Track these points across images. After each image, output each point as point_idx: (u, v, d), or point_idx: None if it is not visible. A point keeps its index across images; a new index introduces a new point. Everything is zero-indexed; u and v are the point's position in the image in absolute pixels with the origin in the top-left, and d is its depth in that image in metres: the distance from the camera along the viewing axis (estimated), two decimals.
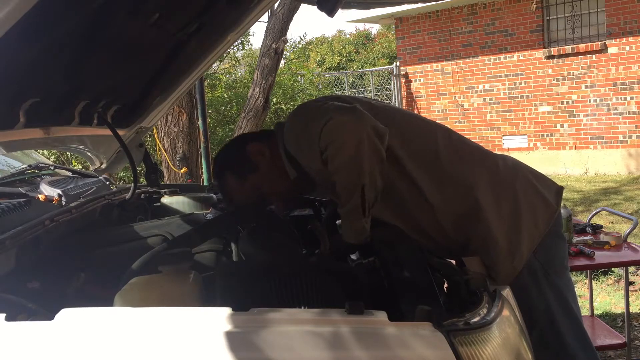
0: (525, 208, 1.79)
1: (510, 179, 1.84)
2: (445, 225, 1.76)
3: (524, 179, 1.86)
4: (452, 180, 1.77)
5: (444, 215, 1.75)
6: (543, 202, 1.83)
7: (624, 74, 10.43)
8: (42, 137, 2.00)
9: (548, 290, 1.77)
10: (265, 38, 6.74)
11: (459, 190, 1.76)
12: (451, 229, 1.76)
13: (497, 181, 1.81)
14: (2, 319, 1.17)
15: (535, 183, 1.86)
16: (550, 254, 1.81)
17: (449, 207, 1.75)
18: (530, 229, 1.78)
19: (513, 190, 1.81)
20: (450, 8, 11.87)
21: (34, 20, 1.26)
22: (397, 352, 1.11)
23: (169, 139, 5.77)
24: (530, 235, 1.77)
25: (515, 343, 1.27)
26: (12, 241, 1.57)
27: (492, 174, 1.82)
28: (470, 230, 1.75)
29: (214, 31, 2.32)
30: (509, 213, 1.77)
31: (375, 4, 4.17)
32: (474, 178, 1.78)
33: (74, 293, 1.63)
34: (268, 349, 1.11)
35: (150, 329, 1.16)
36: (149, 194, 2.52)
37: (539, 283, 1.76)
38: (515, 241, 1.75)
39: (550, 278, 1.78)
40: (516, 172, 1.87)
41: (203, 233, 1.86)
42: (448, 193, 1.76)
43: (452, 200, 1.76)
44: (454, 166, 1.79)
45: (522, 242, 1.75)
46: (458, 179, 1.78)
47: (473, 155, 1.87)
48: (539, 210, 1.81)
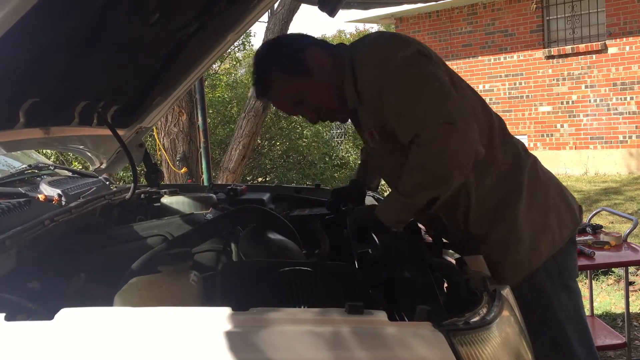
0: (554, 211, 1.81)
1: (545, 179, 1.86)
2: (473, 214, 1.76)
3: (557, 184, 1.89)
4: (499, 167, 1.78)
5: (480, 201, 1.76)
6: (570, 212, 1.86)
7: (624, 74, 10.43)
8: (42, 137, 2.00)
9: (562, 292, 1.79)
10: (265, 38, 6.74)
11: (503, 179, 1.77)
12: (476, 218, 1.77)
13: (535, 177, 1.83)
14: (2, 318, 1.17)
15: (565, 192, 1.90)
16: (567, 259, 1.84)
17: (488, 193, 1.76)
18: (554, 233, 1.80)
19: (546, 191, 1.83)
20: (450, 8, 11.88)
21: (34, 20, 1.26)
22: (397, 352, 1.11)
23: (169, 139, 5.77)
24: (553, 238, 1.79)
25: (515, 343, 1.27)
26: (12, 241, 1.57)
27: (531, 169, 1.83)
28: (496, 222, 1.76)
29: (214, 31, 2.33)
30: (539, 211, 1.79)
31: (375, 4, 4.17)
32: (519, 167, 1.80)
33: (74, 293, 1.63)
34: (268, 348, 1.11)
35: (150, 328, 1.16)
36: (149, 194, 2.51)
37: (554, 284, 1.78)
38: (538, 240, 1.76)
39: (565, 281, 1.81)
40: (550, 176, 1.90)
41: (203, 233, 1.86)
42: (491, 179, 1.76)
43: (494, 187, 1.76)
44: (503, 154, 1.79)
45: (545, 242, 1.77)
46: (504, 167, 1.78)
47: (517, 145, 1.87)
48: (565, 218, 1.84)
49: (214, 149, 7.62)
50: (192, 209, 2.34)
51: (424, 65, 1.68)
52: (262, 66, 1.85)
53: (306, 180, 7.87)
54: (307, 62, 1.78)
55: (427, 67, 1.68)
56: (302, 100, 1.82)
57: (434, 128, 1.58)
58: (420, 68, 1.67)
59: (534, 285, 1.74)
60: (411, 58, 1.68)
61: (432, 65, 1.70)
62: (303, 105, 1.83)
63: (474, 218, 1.78)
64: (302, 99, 1.81)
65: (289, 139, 8.48)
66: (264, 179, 8.35)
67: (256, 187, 3.28)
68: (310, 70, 1.78)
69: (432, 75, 1.66)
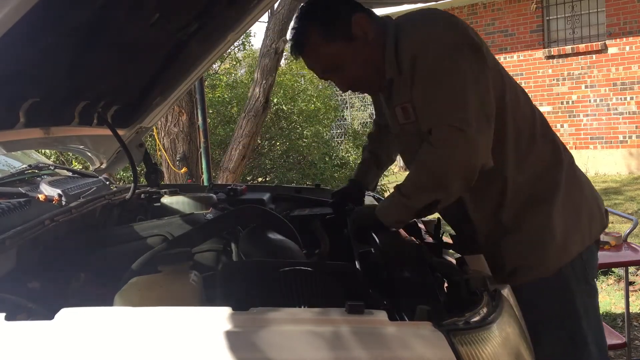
0: (586, 211, 1.81)
1: (580, 178, 1.85)
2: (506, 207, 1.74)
3: (589, 184, 1.89)
4: (539, 160, 1.76)
5: (515, 195, 1.74)
6: (600, 212, 1.86)
7: (624, 74, 10.43)
8: (42, 137, 2.00)
9: (584, 290, 1.79)
10: (265, 38, 6.74)
11: (540, 175, 1.76)
12: (510, 211, 1.75)
13: (572, 175, 1.82)
14: (2, 318, 1.17)
15: (595, 193, 1.89)
16: (592, 258, 1.84)
17: (525, 187, 1.74)
18: (584, 232, 1.80)
19: (581, 190, 1.82)
20: (450, 8, 11.88)
21: (34, 20, 1.26)
22: (397, 352, 1.11)
23: (169, 139, 5.77)
24: (583, 238, 1.79)
25: (515, 343, 1.27)
26: (12, 241, 1.57)
27: (568, 167, 1.82)
28: (531, 216, 1.75)
29: (214, 31, 2.33)
30: (573, 210, 1.78)
31: (375, 4, 4.17)
32: (557, 163, 1.78)
33: (74, 293, 1.63)
34: (268, 348, 1.11)
35: (150, 328, 1.16)
36: (149, 194, 2.51)
37: (578, 282, 1.78)
38: (570, 238, 1.76)
39: (587, 279, 1.81)
40: (584, 175, 1.89)
41: (203, 233, 1.85)
42: (530, 173, 1.75)
43: (530, 183, 1.75)
44: (544, 146, 1.78)
45: (575, 241, 1.77)
46: (543, 163, 1.77)
47: (556, 139, 1.85)
48: (596, 218, 1.84)
49: (214, 149, 7.61)
50: (192, 209, 2.34)
51: (464, 59, 1.61)
52: (304, 21, 1.77)
53: (306, 180, 7.86)
54: (352, 27, 1.71)
55: (467, 62, 1.61)
56: (339, 66, 1.75)
57: (445, 130, 1.56)
58: (458, 60, 1.61)
59: (560, 281, 1.74)
60: (455, 46, 1.61)
61: (474, 62, 1.62)
62: (338, 70, 1.77)
63: (507, 211, 1.75)
64: (339, 64, 1.75)
65: (289, 139, 8.48)
66: (264, 179, 8.34)
67: (256, 187, 3.28)
68: (354, 35, 1.72)
69: (466, 73, 1.60)
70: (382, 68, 1.73)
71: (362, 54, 1.73)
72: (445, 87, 1.60)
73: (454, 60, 1.60)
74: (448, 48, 1.61)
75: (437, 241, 1.87)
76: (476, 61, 1.62)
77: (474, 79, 1.60)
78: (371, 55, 1.73)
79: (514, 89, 1.77)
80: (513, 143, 1.73)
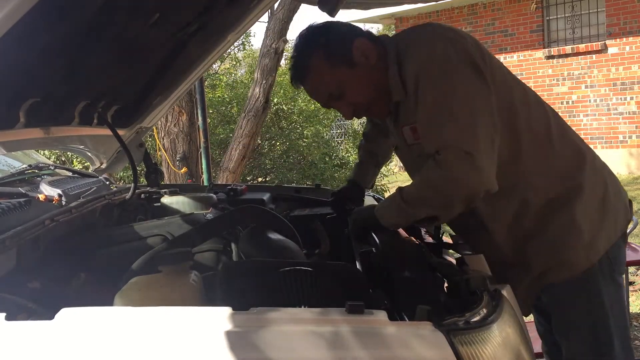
0: (611, 207, 1.79)
1: (604, 174, 1.82)
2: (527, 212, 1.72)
3: (612, 178, 1.85)
4: (559, 162, 1.74)
5: (537, 199, 1.72)
6: (623, 206, 1.84)
7: (624, 74, 10.43)
8: (42, 137, 2.00)
9: (610, 286, 1.77)
10: (265, 38, 6.74)
11: (563, 174, 1.74)
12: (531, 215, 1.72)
13: (595, 173, 1.79)
14: (2, 318, 1.17)
15: (619, 186, 1.86)
16: (619, 253, 1.81)
17: (546, 191, 1.72)
18: (610, 229, 1.78)
19: (605, 187, 1.79)
20: (450, 8, 11.89)
21: (34, 20, 1.26)
22: (397, 351, 1.11)
23: (169, 139, 5.77)
24: (609, 234, 1.77)
25: (515, 343, 1.27)
26: (12, 241, 1.57)
27: (590, 162, 1.79)
28: (554, 218, 1.72)
29: (214, 31, 2.33)
30: (598, 208, 1.75)
31: (375, 4, 4.17)
32: (579, 162, 1.76)
33: (74, 293, 1.63)
34: (268, 348, 1.11)
35: (150, 328, 1.16)
36: (149, 194, 2.52)
37: (605, 278, 1.76)
38: (597, 236, 1.74)
39: (614, 275, 1.79)
40: (607, 169, 1.86)
41: (203, 233, 1.85)
42: (551, 176, 1.73)
43: (553, 182, 1.73)
44: (564, 147, 1.76)
45: (602, 238, 1.75)
46: (565, 162, 1.75)
47: (574, 137, 1.83)
48: (620, 213, 1.82)
49: (214, 149, 7.61)
50: (192, 209, 2.34)
51: (465, 79, 1.60)
52: (304, 49, 1.75)
53: (306, 180, 7.86)
54: (353, 52, 1.70)
55: (468, 81, 1.60)
56: (342, 93, 1.73)
57: (453, 153, 1.54)
58: (460, 81, 1.60)
59: (587, 279, 1.72)
60: (456, 67, 1.60)
61: (475, 81, 1.61)
62: (341, 98, 1.75)
63: (529, 217, 1.73)
64: (342, 91, 1.73)
65: (289, 139, 8.48)
66: (264, 179, 8.34)
67: (256, 187, 3.28)
68: (355, 61, 1.70)
69: (469, 94, 1.59)
70: (386, 91, 1.71)
71: (365, 78, 1.71)
72: (450, 110, 1.58)
73: (456, 81, 1.59)
74: (448, 69, 1.60)
75: (437, 241, 1.87)
76: (477, 80, 1.61)
77: (478, 99, 1.59)
78: (374, 79, 1.71)
79: (523, 93, 1.75)
80: (529, 147, 1.71)
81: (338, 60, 1.70)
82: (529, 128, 1.71)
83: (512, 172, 1.68)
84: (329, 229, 2.02)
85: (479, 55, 1.65)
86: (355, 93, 1.74)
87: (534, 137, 1.72)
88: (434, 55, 1.62)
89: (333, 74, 1.71)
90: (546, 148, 1.73)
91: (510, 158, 1.67)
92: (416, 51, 1.66)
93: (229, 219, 1.94)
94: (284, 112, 8.62)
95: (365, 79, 1.72)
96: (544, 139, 1.73)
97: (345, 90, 1.73)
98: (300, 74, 1.78)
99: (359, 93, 1.74)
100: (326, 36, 1.74)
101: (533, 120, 1.73)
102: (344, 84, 1.72)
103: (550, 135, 1.75)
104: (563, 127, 1.80)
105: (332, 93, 1.75)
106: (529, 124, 1.71)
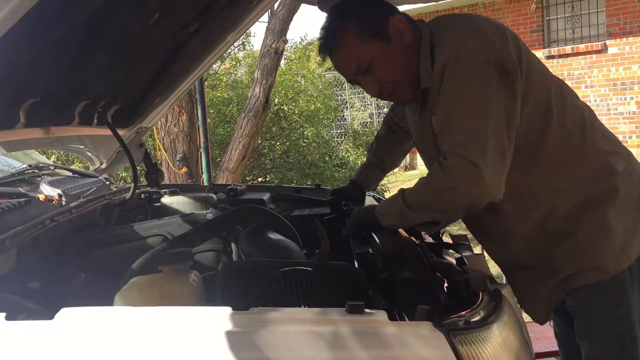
0: None
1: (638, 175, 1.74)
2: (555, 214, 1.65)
3: None
4: (594, 163, 1.68)
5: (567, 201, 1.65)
6: None
7: (624, 74, 10.43)
8: (42, 137, 2.00)
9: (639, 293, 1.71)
10: (266, 38, 6.74)
11: (597, 176, 1.67)
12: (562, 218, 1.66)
13: (630, 174, 1.71)
14: (2, 318, 1.17)
15: None
16: None
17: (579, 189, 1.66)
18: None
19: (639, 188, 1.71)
20: (450, 8, 11.88)
21: (34, 20, 1.26)
22: (397, 351, 1.11)
23: (169, 139, 5.77)
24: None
25: (515, 343, 1.27)
26: (12, 241, 1.57)
27: (626, 163, 1.72)
28: (585, 218, 1.65)
29: (214, 31, 2.33)
30: (633, 211, 1.68)
31: None
32: (614, 163, 1.69)
33: (74, 293, 1.63)
34: (268, 348, 1.11)
35: (150, 328, 1.16)
36: (149, 194, 2.52)
37: (634, 285, 1.69)
38: (629, 241, 1.67)
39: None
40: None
41: (203, 233, 1.85)
42: (583, 178, 1.66)
43: (586, 184, 1.66)
44: (598, 149, 1.68)
45: (635, 244, 1.68)
46: (599, 163, 1.68)
47: (609, 136, 1.76)
48: None
49: (214, 149, 7.61)
50: (192, 209, 2.34)
51: (490, 83, 1.54)
52: (338, 18, 1.69)
53: (306, 180, 7.87)
54: (388, 27, 1.64)
55: (492, 86, 1.54)
56: (371, 67, 1.66)
57: (459, 161, 1.51)
58: (484, 84, 1.54)
59: (616, 285, 1.66)
60: (483, 68, 1.54)
61: (500, 87, 1.54)
62: (370, 73, 1.67)
63: (556, 218, 1.67)
64: (371, 64, 1.66)
65: (289, 139, 8.48)
66: (264, 179, 8.35)
67: (256, 187, 3.28)
68: (390, 36, 1.64)
69: (490, 100, 1.53)
70: (416, 75, 1.67)
71: (397, 57, 1.66)
72: (465, 113, 1.54)
73: (478, 84, 1.54)
74: (473, 69, 1.55)
75: (437, 241, 1.87)
76: (501, 86, 1.55)
77: (496, 107, 1.54)
78: (406, 60, 1.66)
79: (560, 91, 1.70)
80: (563, 147, 1.65)
81: (372, 32, 1.64)
82: (562, 126, 1.65)
83: (540, 174, 1.63)
84: (328, 229, 2.02)
85: (514, 56, 1.59)
86: (385, 70, 1.67)
87: (567, 136, 1.66)
88: (463, 52, 1.56)
89: (365, 45, 1.65)
90: (580, 148, 1.67)
91: (540, 159, 1.63)
92: (448, 42, 1.60)
93: (228, 219, 1.94)
94: (284, 112, 8.62)
95: (397, 57, 1.65)
96: (579, 139, 1.66)
97: (375, 64, 1.66)
98: (330, 42, 1.70)
99: (389, 71, 1.67)
100: (363, 7, 1.68)
101: (568, 120, 1.67)
102: (375, 58, 1.65)
103: (585, 136, 1.68)
104: (599, 130, 1.73)
105: (361, 66, 1.67)
106: (562, 123, 1.65)
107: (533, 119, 1.62)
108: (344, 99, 13.67)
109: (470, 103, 1.55)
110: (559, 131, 1.65)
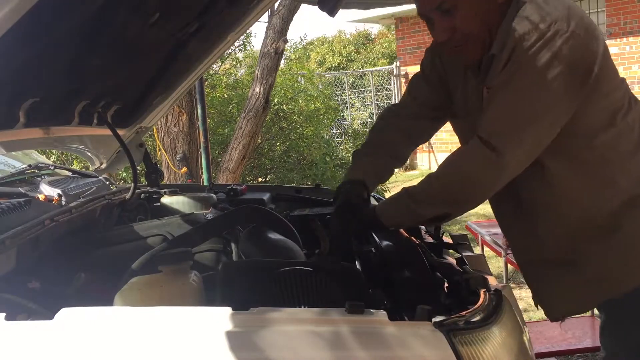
0: None
1: None
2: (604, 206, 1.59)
3: None
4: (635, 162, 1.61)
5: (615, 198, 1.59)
6: None
7: (624, 74, 10.42)
8: (42, 137, 2.00)
9: None
10: (266, 38, 6.74)
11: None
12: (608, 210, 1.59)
13: None
14: (2, 318, 1.17)
15: None
16: None
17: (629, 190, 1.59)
18: None
19: None
20: None
21: (34, 20, 1.26)
22: (397, 351, 1.11)
23: (169, 139, 5.77)
24: None
25: (515, 343, 1.27)
26: (12, 241, 1.57)
27: None
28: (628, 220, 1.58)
29: (214, 31, 2.33)
30: None
31: (375, 4, 4.17)
32: None
33: (74, 293, 1.63)
34: (268, 348, 1.11)
35: (150, 328, 1.16)
36: (149, 194, 2.52)
37: None
38: None
39: None
40: None
41: (203, 233, 1.86)
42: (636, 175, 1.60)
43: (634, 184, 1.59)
44: None
45: None
46: None
47: None
48: None
49: (214, 149, 7.60)
50: (192, 209, 2.34)
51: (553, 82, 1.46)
52: None
53: (306, 180, 7.86)
54: None
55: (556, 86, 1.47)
56: (454, 9, 1.55)
57: (481, 146, 1.48)
58: (545, 83, 1.47)
59: None
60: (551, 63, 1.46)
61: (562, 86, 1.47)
62: (449, 14, 1.56)
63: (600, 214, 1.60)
64: (454, 7, 1.54)
65: (289, 139, 8.48)
66: (264, 179, 8.35)
67: (256, 187, 3.28)
68: None
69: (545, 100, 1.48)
70: (490, 39, 1.58)
71: (484, 10, 1.56)
72: (518, 103, 1.49)
73: (540, 78, 1.47)
74: (541, 61, 1.46)
75: (437, 241, 1.87)
76: (565, 86, 1.48)
77: (552, 108, 1.49)
78: (491, 17, 1.56)
79: (625, 90, 1.66)
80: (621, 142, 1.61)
81: None
82: (625, 124, 1.61)
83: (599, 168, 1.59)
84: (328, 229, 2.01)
85: (595, 58, 1.52)
86: (467, 18, 1.56)
87: (629, 133, 1.61)
88: (539, 36, 1.47)
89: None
90: (635, 146, 1.62)
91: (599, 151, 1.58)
92: (530, 17, 1.50)
93: (228, 219, 1.94)
94: (284, 112, 8.62)
95: (483, 9, 1.56)
96: (636, 139, 1.62)
97: (458, 8, 1.55)
98: None
99: (470, 20, 1.56)
100: None
101: (629, 117, 1.62)
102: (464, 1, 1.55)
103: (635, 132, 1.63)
104: None
105: (445, 3, 1.55)
106: (626, 121, 1.62)
107: (604, 118, 1.57)
108: (344, 99, 13.67)
109: (522, 96, 1.49)
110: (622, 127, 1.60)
